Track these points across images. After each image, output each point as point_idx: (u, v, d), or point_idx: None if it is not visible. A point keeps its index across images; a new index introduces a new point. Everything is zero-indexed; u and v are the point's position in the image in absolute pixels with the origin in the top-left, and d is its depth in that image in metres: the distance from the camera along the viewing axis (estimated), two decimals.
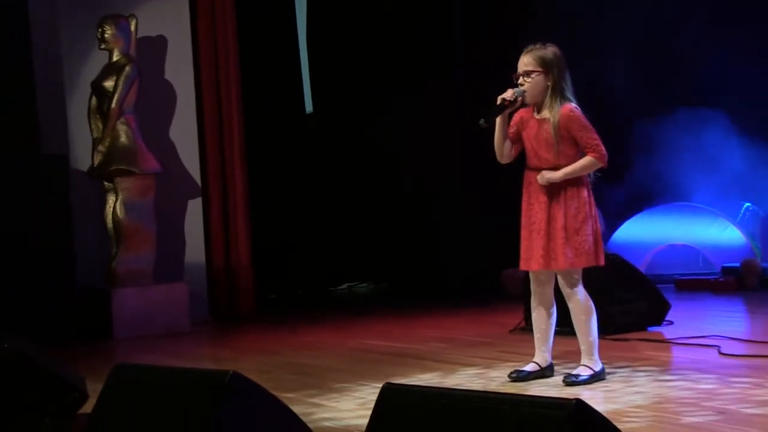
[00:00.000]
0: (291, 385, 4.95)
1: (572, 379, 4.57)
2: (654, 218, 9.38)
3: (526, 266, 4.67)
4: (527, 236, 4.64)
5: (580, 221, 4.55)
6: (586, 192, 4.61)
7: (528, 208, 4.65)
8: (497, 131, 4.65)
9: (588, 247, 4.55)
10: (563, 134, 4.55)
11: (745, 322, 7.12)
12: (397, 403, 2.57)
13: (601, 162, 4.57)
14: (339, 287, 10.44)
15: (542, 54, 4.58)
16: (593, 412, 2.30)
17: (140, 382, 3.22)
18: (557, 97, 4.56)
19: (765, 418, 3.71)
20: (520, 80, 4.59)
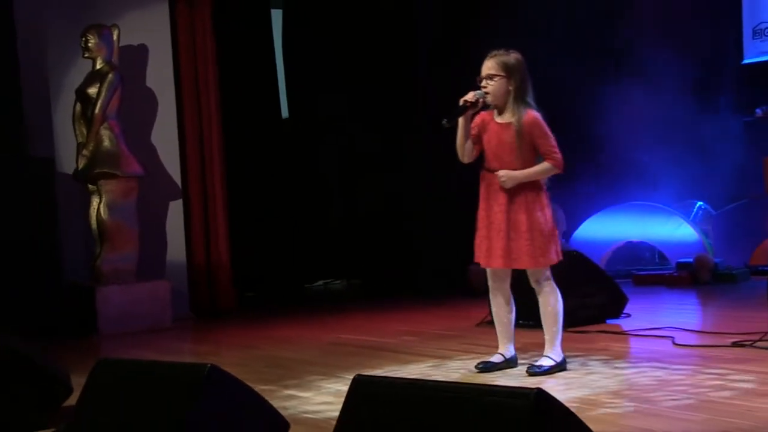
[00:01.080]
0: (268, 377, 4.93)
1: (535, 370, 4.59)
2: (613, 216, 9.43)
3: (486, 263, 4.67)
4: (486, 235, 4.64)
5: (541, 222, 4.57)
6: (543, 194, 4.64)
7: (487, 208, 4.65)
8: (459, 132, 4.66)
9: (550, 248, 4.58)
10: (526, 139, 4.57)
11: (697, 315, 7.18)
12: (368, 394, 2.57)
13: (557, 169, 4.61)
14: (314, 284, 10.44)
15: (505, 59, 4.60)
16: (553, 400, 2.32)
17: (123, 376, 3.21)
18: (519, 103, 4.58)
19: (715, 403, 3.74)
20: (483, 83, 4.60)
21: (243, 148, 9.43)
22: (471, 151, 4.70)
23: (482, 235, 4.67)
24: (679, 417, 3.57)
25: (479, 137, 4.70)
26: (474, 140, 4.70)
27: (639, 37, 9.19)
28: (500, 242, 4.58)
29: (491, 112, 4.68)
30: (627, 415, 3.70)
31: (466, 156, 4.71)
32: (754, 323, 5.35)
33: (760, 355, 4.75)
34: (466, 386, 2.47)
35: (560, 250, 4.66)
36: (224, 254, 8.39)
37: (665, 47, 8.95)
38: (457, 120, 4.60)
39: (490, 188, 4.65)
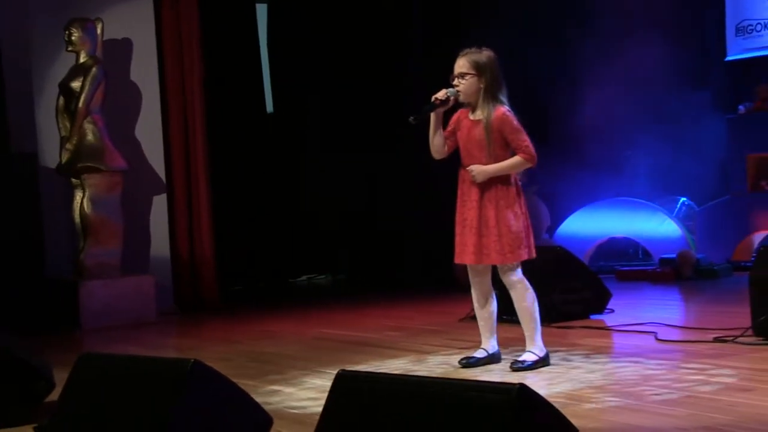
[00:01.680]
0: (252, 372, 4.93)
1: (518, 365, 4.60)
2: (596, 212, 9.46)
3: (459, 260, 4.71)
4: (461, 232, 4.67)
5: (511, 219, 4.58)
6: (515, 190, 4.64)
7: (462, 205, 4.68)
8: (431, 128, 4.69)
9: (520, 243, 4.58)
10: (495, 136, 4.58)
11: (680, 310, 7.21)
12: (351, 389, 2.57)
13: (530, 162, 4.61)
14: (299, 279, 10.44)
15: (477, 58, 4.61)
16: (536, 395, 2.32)
17: (106, 371, 3.20)
18: (490, 100, 4.59)
19: (697, 399, 3.76)
20: (455, 81, 4.62)
21: (228, 142, 9.41)
22: (441, 146, 4.72)
23: (458, 231, 4.70)
24: (661, 412, 3.58)
25: (454, 134, 4.71)
26: (448, 136, 4.72)
27: (623, 33, 9.21)
28: (472, 238, 4.60)
29: (467, 109, 4.69)
30: (609, 410, 3.71)
31: (435, 152, 4.74)
32: (736, 319, 5.37)
33: (741, 350, 4.77)
34: (449, 381, 2.47)
35: (533, 246, 4.66)
36: (208, 249, 8.37)
37: (649, 44, 8.97)
38: (425, 117, 4.62)
39: (464, 185, 4.68)
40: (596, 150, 9.31)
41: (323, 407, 2.63)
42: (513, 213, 4.58)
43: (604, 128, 9.39)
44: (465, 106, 4.70)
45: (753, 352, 4.70)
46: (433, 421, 2.36)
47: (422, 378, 2.64)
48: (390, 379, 2.57)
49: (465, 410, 2.30)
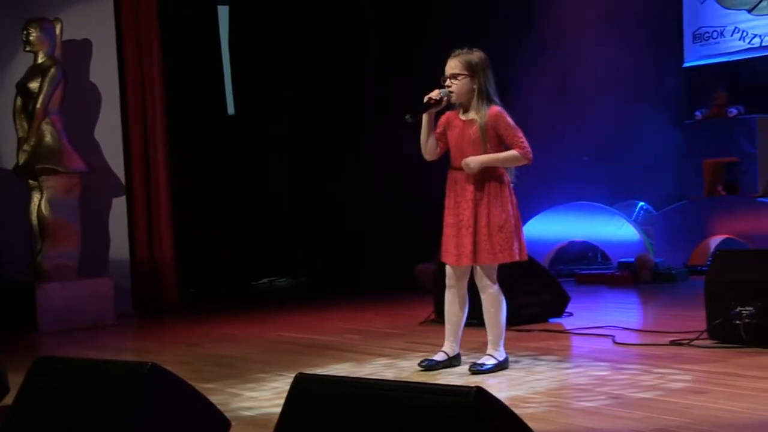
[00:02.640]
0: (211, 375, 4.90)
1: (478, 368, 4.61)
2: (556, 216, 9.52)
3: (456, 262, 4.64)
4: (455, 234, 4.62)
5: (504, 219, 4.59)
6: (507, 191, 4.65)
7: (455, 206, 4.64)
8: (423, 129, 4.67)
9: (510, 244, 4.59)
10: (491, 134, 4.58)
11: (638, 313, 7.28)
12: (309, 392, 2.56)
13: (525, 158, 4.61)
14: (259, 281, 10.40)
15: (469, 58, 4.61)
16: (493, 398, 2.33)
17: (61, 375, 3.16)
18: (483, 100, 4.59)
19: (652, 401, 3.80)
20: (447, 82, 4.61)
21: (188, 144, 9.36)
22: (434, 148, 4.70)
23: (450, 233, 4.64)
24: (618, 415, 3.61)
25: (444, 135, 4.71)
26: (439, 138, 4.71)
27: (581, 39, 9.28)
28: (469, 238, 4.57)
29: (457, 110, 4.69)
30: (567, 413, 3.74)
31: (428, 153, 4.71)
32: (692, 322, 5.43)
33: (697, 353, 4.83)
34: (407, 384, 2.47)
35: (525, 248, 4.68)
36: (168, 251, 8.32)
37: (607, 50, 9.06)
38: (419, 116, 4.61)
39: (457, 186, 4.65)
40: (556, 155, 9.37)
41: (281, 410, 2.62)
42: (505, 212, 4.59)
43: (563, 133, 9.46)
44: (454, 108, 4.69)
45: (708, 355, 4.76)
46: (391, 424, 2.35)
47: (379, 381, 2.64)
48: (347, 382, 2.56)
49: (422, 413, 2.30)
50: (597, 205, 9.45)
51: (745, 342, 4.82)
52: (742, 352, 4.76)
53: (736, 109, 8.91)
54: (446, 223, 4.67)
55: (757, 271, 4.94)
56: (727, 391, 3.91)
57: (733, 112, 8.91)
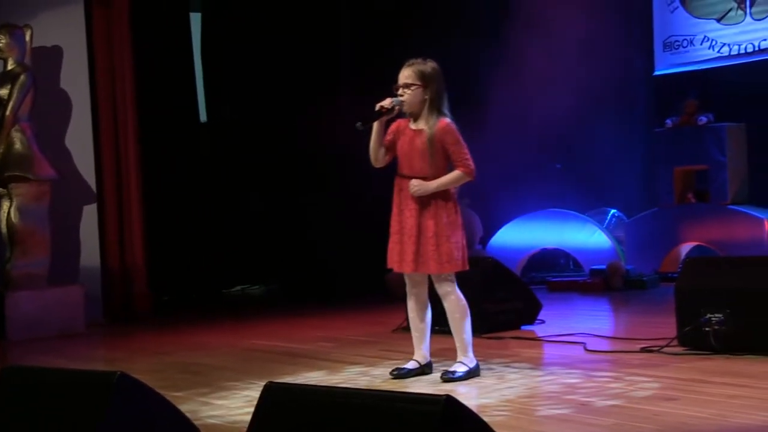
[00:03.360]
0: (181, 384, 4.88)
1: (449, 376, 4.62)
2: (528, 224, 9.56)
3: (399, 268, 4.70)
4: (398, 240, 4.67)
5: (451, 229, 4.61)
6: (453, 202, 4.68)
7: (399, 213, 4.69)
8: (373, 136, 4.69)
9: (456, 254, 4.62)
10: (437, 146, 4.61)
11: (609, 321, 7.32)
12: (279, 401, 2.56)
13: (469, 177, 4.65)
14: (232, 289, 10.37)
15: (422, 68, 4.63)
16: (463, 407, 2.33)
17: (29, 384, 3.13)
18: (434, 111, 4.62)
19: (622, 408, 3.82)
20: (400, 91, 4.64)
21: (160, 151, 9.31)
22: (383, 156, 4.73)
23: (395, 240, 4.69)
24: (589, 422, 3.63)
25: (394, 143, 4.73)
26: (388, 146, 4.73)
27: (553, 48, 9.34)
28: (411, 246, 4.61)
29: (408, 119, 4.71)
30: (538, 420, 3.76)
31: (378, 160, 4.74)
32: (663, 329, 5.47)
33: (667, 360, 4.87)
34: (377, 393, 2.48)
35: (467, 258, 4.70)
36: (139, 259, 8.27)
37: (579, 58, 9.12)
38: (370, 124, 4.63)
39: (402, 194, 4.68)
40: (528, 163, 9.42)
41: (251, 418, 2.61)
42: (451, 224, 4.62)
43: (535, 141, 9.51)
44: (405, 116, 4.71)
45: (678, 362, 4.79)
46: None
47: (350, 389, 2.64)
48: (318, 391, 2.56)
49: (392, 421, 2.31)
50: (569, 213, 9.50)
51: (715, 349, 4.86)
52: (712, 358, 4.80)
53: (705, 118, 8.99)
54: (392, 230, 4.72)
55: (727, 279, 4.98)
56: (697, 397, 3.94)
57: (702, 120, 8.99)
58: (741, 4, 9.16)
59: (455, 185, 4.67)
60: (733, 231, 8.68)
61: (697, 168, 9.23)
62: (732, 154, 8.90)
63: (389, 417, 2.33)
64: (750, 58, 9.10)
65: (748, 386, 4.12)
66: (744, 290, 4.88)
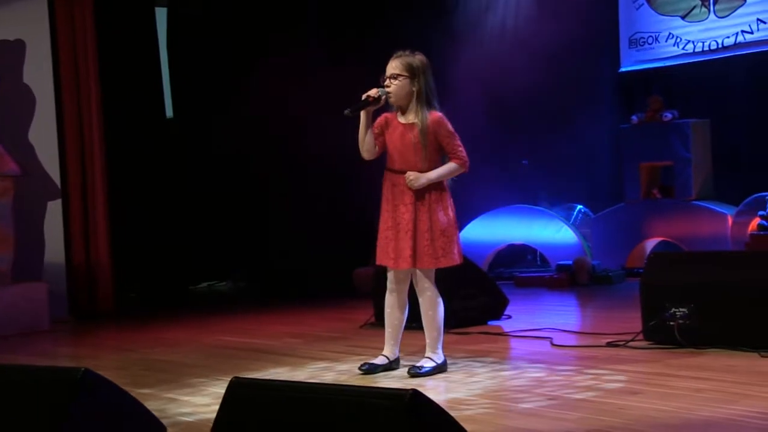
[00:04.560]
0: (147, 381, 4.85)
1: (416, 371, 4.62)
2: (495, 219, 9.59)
3: (395, 265, 4.64)
4: (394, 237, 4.62)
5: (444, 223, 4.61)
6: (447, 195, 4.68)
7: (393, 209, 4.64)
8: (362, 127, 4.65)
9: (450, 248, 4.61)
10: (431, 139, 4.60)
11: (575, 316, 7.36)
12: (245, 397, 2.55)
13: (463, 168, 4.65)
14: (198, 285, 10.31)
15: (410, 60, 4.62)
16: (429, 401, 2.34)
17: None
18: (423, 104, 4.60)
19: (589, 402, 3.84)
20: (387, 82, 4.61)
21: (126, 147, 9.24)
22: (373, 146, 4.68)
23: (388, 236, 4.64)
24: (555, 416, 3.65)
25: (381, 136, 4.70)
26: (376, 138, 4.69)
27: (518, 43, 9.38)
28: (408, 242, 4.57)
29: (395, 113, 4.69)
30: (504, 414, 3.77)
31: (367, 151, 4.69)
32: (628, 324, 5.51)
33: (633, 354, 4.90)
34: (343, 388, 2.47)
35: (462, 251, 4.71)
36: (105, 255, 8.21)
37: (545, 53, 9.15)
38: (358, 113, 4.59)
39: (395, 189, 4.65)
40: (494, 158, 9.44)
41: (216, 415, 2.60)
42: (446, 217, 4.61)
43: (501, 137, 9.54)
44: (392, 109, 4.69)
45: (643, 356, 4.83)
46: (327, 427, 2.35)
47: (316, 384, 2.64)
48: (284, 386, 2.56)
49: (358, 416, 2.31)
50: (535, 209, 9.53)
51: (680, 343, 4.91)
52: (676, 352, 4.84)
53: (670, 114, 9.06)
54: (384, 226, 4.67)
55: (691, 274, 5.03)
56: (661, 391, 3.97)
57: (667, 116, 9.06)
58: (705, 2, 9.23)
59: (451, 177, 4.66)
60: (698, 226, 8.76)
61: (662, 164, 9.30)
62: (696, 150, 8.98)
63: (355, 412, 2.34)
64: (714, 55, 9.17)
65: (712, 380, 4.16)
66: (708, 285, 4.92)
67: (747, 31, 8.93)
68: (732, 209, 8.66)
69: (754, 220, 8.33)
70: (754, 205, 8.38)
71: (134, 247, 9.30)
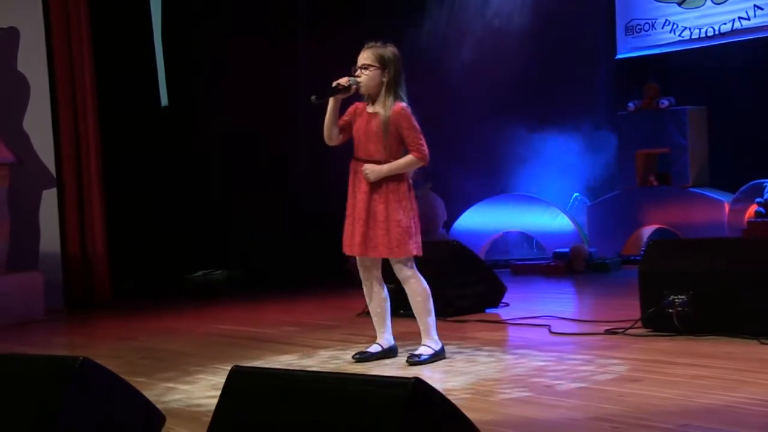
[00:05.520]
0: (144, 369, 4.83)
1: (414, 359, 4.62)
2: (492, 207, 9.58)
3: (348, 251, 4.70)
4: (350, 223, 4.67)
5: (400, 214, 4.60)
6: (406, 186, 4.66)
7: (352, 196, 4.69)
8: (328, 114, 4.66)
9: (407, 238, 4.60)
10: (392, 130, 4.60)
11: (573, 303, 7.36)
12: (245, 385, 2.54)
13: (423, 161, 4.64)
14: (194, 274, 10.30)
15: (381, 51, 4.63)
16: (431, 389, 2.32)
17: None
18: (391, 94, 4.61)
19: (588, 390, 3.84)
20: (358, 72, 4.63)
21: (121, 135, 9.21)
22: (337, 135, 4.70)
23: (348, 222, 4.70)
24: (553, 404, 3.64)
25: (350, 125, 4.71)
26: (343, 126, 4.71)
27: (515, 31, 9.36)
28: (360, 229, 4.61)
29: (365, 102, 4.70)
30: (504, 402, 3.76)
31: (330, 138, 4.71)
32: (626, 311, 5.51)
33: (630, 342, 4.90)
34: (345, 376, 2.46)
35: (420, 244, 4.69)
36: (100, 244, 8.18)
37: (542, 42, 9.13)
38: (326, 99, 4.60)
39: (355, 176, 4.69)
40: (491, 146, 9.44)
41: (217, 403, 2.59)
42: (402, 208, 4.60)
43: (499, 125, 9.53)
44: (362, 99, 4.70)
45: (642, 344, 4.82)
46: (328, 416, 2.34)
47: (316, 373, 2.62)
48: (284, 375, 2.54)
49: (360, 405, 2.29)
50: (532, 196, 9.53)
51: (678, 330, 4.91)
52: (675, 339, 4.84)
53: (667, 101, 9.05)
54: (346, 212, 4.72)
55: (689, 261, 5.03)
56: (661, 378, 3.97)
57: (664, 103, 9.05)
58: None
59: (408, 170, 4.66)
60: (694, 213, 8.76)
61: (658, 151, 9.30)
62: (693, 137, 8.98)
63: (357, 400, 2.32)
64: (710, 41, 9.16)
65: (710, 367, 4.16)
66: (706, 272, 4.92)
67: (744, 18, 8.92)
68: (729, 196, 8.66)
69: (751, 207, 8.33)
70: (751, 192, 8.38)
71: (130, 236, 9.28)
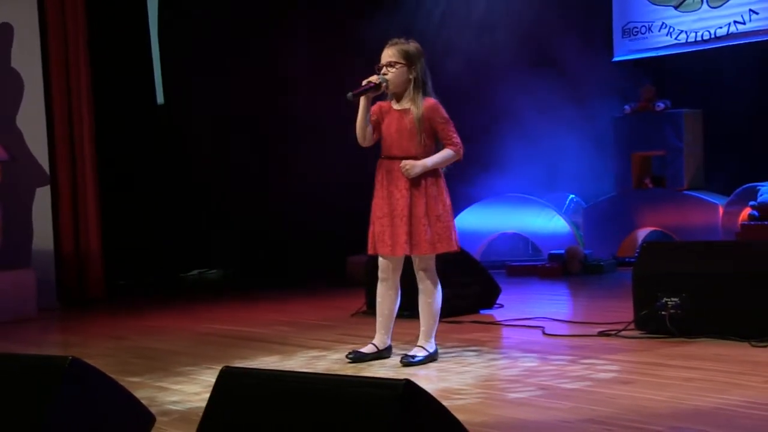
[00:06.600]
0: (136, 369, 4.82)
1: (408, 360, 4.60)
2: (488, 208, 9.57)
3: (391, 252, 4.61)
4: (389, 223, 4.59)
5: (440, 208, 4.59)
6: (442, 181, 4.66)
7: (388, 196, 4.61)
8: (360, 114, 4.62)
9: (447, 234, 4.60)
10: (426, 126, 4.58)
11: (567, 305, 7.35)
12: (235, 386, 2.52)
13: (458, 155, 4.64)
14: (189, 273, 10.28)
15: (406, 48, 4.61)
16: (422, 391, 2.31)
17: None
18: (419, 91, 4.59)
19: (581, 392, 3.83)
20: (383, 70, 4.59)
21: (116, 133, 9.20)
22: (371, 134, 4.66)
23: (384, 223, 4.61)
24: (546, 405, 3.63)
25: (378, 124, 4.68)
26: (374, 127, 4.67)
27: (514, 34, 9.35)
28: (404, 228, 4.56)
29: (389, 101, 4.68)
30: (495, 404, 3.75)
31: (365, 139, 4.66)
32: (620, 313, 5.50)
33: (624, 344, 4.89)
34: (336, 377, 2.45)
35: (458, 238, 4.70)
36: (94, 242, 8.17)
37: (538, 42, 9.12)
38: (359, 98, 4.57)
39: (390, 175, 4.62)
40: (487, 147, 9.43)
41: (206, 403, 2.57)
42: (442, 203, 4.60)
43: (494, 126, 9.52)
44: (387, 98, 4.67)
45: (635, 346, 4.82)
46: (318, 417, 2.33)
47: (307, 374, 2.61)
48: (274, 375, 2.53)
49: (351, 406, 2.28)
50: (528, 198, 9.52)
51: (671, 332, 4.90)
52: (668, 342, 4.83)
53: (663, 104, 9.05)
54: (379, 214, 4.64)
55: (683, 263, 5.02)
56: (653, 380, 3.96)
57: (660, 106, 9.05)
58: None
59: (446, 164, 4.65)
60: (689, 216, 8.76)
61: (654, 153, 9.30)
62: (689, 140, 8.98)
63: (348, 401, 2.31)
64: (706, 45, 9.16)
65: (703, 369, 4.15)
66: (700, 274, 4.92)
67: (739, 22, 8.92)
68: (723, 199, 8.66)
69: (744, 210, 8.33)
70: (745, 195, 8.38)
71: (124, 234, 9.27)
